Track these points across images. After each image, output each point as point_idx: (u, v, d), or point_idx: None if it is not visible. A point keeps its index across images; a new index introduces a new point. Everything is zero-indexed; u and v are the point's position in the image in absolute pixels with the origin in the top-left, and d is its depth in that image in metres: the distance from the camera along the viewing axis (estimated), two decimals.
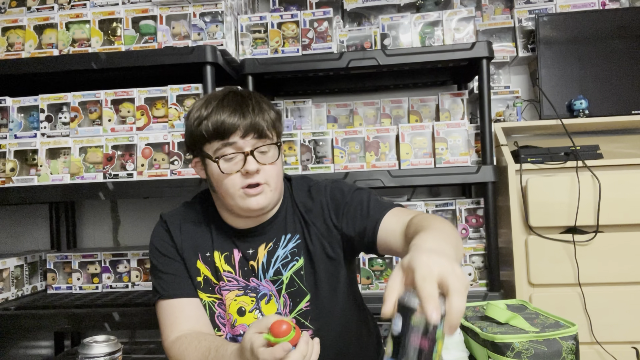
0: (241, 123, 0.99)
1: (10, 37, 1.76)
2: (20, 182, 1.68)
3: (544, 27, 1.85)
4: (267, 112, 1.04)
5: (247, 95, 1.05)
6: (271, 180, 1.03)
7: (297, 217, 1.12)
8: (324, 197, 1.11)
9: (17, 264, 1.81)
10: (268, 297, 1.09)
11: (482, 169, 1.63)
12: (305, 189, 1.15)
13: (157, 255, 1.12)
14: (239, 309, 1.08)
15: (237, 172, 1.00)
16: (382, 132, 1.75)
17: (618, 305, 1.58)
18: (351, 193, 1.10)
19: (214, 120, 0.99)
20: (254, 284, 1.09)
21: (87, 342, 0.93)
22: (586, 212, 1.58)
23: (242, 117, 1.00)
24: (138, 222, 2.24)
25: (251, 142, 1.01)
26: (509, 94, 1.98)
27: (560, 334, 0.86)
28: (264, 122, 1.01)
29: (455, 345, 0.95)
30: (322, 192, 1.12)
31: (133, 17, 1.72)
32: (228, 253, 1.10)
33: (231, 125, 0.99)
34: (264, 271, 1.08)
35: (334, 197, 1.11)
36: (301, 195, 1.14)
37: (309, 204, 1.12)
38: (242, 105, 1.01)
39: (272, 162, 1.03)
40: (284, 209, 1.13)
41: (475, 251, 1.70)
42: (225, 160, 1.01)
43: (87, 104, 1.72)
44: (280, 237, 1.10)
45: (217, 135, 1.00)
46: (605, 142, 1.80)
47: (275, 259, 1.09)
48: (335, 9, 1.91)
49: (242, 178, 1.01)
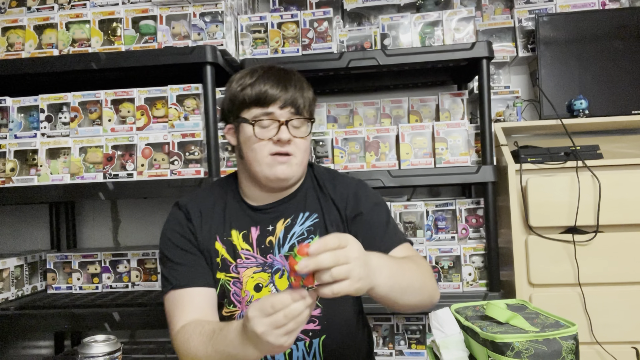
0: (282, 95, 1.05)
1: (10, 37, 1.76)
2: (20, 182, 1.68)
3: (544, 27, 1.85)
4: (306, 91, 1.10)
5: (290, 72, 1.11)
6: (298, 154, 1.08)
7: (319, 198, 1.16)
8: (348, 190, 1.15)
9: (17, 264, 1.81)
10: (281, 271, 1.11)
11: (482, 169, 1.63)
12: (331, 176, 1.20)
13: (170, 246, 1.13)
14: (256, 285, 1.09)
15: (269, 139, 1.05)
16: (382, 132, 1.75)
17: (618, 305, 1.57)
18: (373, 204, 1.15)
19: (257, 89, 1.05)
20: (270, 260, 1.11)
21: (87, 342, 0.93)
22: (586, 212, 1.58)
23: (284, 90, 1.05)
24: (138, 222, 2.24)
25: (287, 114, 1.06)
26: (509, 94, 1.98)
27: (560, 334, 0.86)
28: (302, 99, 1.07)
29: (455, 345, 0.95)
30: (348, 185, 1.17)
31: (133, 17, 1.72)
32: (246, 231, 1.12)
33: (272, 95, 1.04)
34: (279, 246, 1.11)
35: (357, 195, 1.15)
36: (326, 179, 1.18)
37: (332, 189, 1.16)
38: (285, 79, 1.07)
39: (303, 137, 1.08)
40: (304, 188, 1.17)
41: (475, 251, 1.70)
42: (260, 127, 1.05)
43: (87, 104, 1.72)
44: (298, 214, 1.13)
45: (257, 102, 1.05)
46: (605, 142, 1.80)
47: (292, 234, 1.12)
48: (335, 9, 1.91)
49: (273, 145, 1.05)
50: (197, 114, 1.66)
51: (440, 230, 1.78)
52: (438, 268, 1.71)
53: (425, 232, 1.77)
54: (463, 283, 1.70)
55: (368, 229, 1.12)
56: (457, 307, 1.09)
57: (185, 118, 1.66)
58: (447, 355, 0.94)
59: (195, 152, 1.65)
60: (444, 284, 1.71)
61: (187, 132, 1.64)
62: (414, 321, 1.82)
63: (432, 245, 1.73)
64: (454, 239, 1.77)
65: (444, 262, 1.72)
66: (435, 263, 1.71)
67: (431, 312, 0.99)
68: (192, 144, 1.65)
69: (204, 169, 1.62)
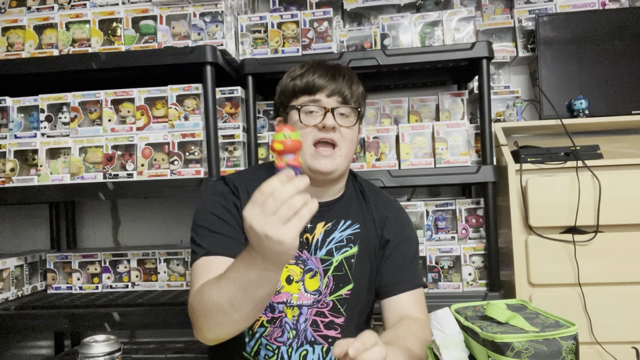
0: (329, 84, 1.07)
1: (10, 37, 1.76)
2: (20, 182, 1.68)
3: (544, 27, 1.85)
4: (355, 85, 1.11)
5: (342, 66, 1.14)
6: (343, 144, 1.08)
7: (363, 208, 1.17)
8: (389, 213, 1.17)
9: (17, 264, 1.81)
10: (313, 272, 1.11)
11: (482, 169, 1.63)
12: (375, 192, 1.22)
13: (208, 217, 1.07)
14: (287, 276, 1.09)
15: (314, 126, 1.06)
16: (382, 132, 1.75)
17: (618, 305, 1.57)
18: (407, 235, 1.18)
19: (306, 79, 1.08)
20: (304, 256, 1.11)
21: (87, 342, 0.93)
22: (586, 212, 1.58)
23: (332, 80, 1.07)
24: (138, 222, 2.24)
25: (334, 103, 1.08)
26: (509, 94, 1.98)
27: (560, 334, 0.86)
28: (350, 91, 1.09)
29: (455, 345, 0.95)
30: (390, 207, 1.19)
31: (133, 17, 1.72)
32: None
33: (320, 84, 1.07)
34: (316, 247, 1.11)
35: (396, 220, 1.17)
36: (370, 193, 1.19)
37: (374, 205, 1.17)
38: (334, 71, 1.09)
39: (349, 127, 1.09)
40: (347, 195, 1.18)
41: (475, 251, 1.70)
42: (306, 114, 1.08)
43: (87, 104, 1.72)
44: (340, 220, 1.14)
45: (305, 90, 1.08)
46: (605, 142, 1.80)
47: (331, 239, 1.12)
48: (335, 9, 1.91)
49: (317, 132, 1.06)
50: (197, 114, 1.66)
51: (440, 230, 1.78)
52: (438, 268, 1.71)
53: (425, 232, 1.77)
54: (463, 283, 1.70)
55: (396, 259, 1.14)
56: (457, 307, 1.09)
57: (185, 118, 1.66)
58: (447, 356, 0.94)
59: (195, 152, 1.65)
60: (444, 284, 1.71)
61: (187, 132, 1.64)
62: None
63: (432, 245, 1.73)
64: (454, 239, 1.77)
65: (444, 262, 1.72)
66: (435, 263, 1.71)
67: (431, 312, 0.99)
68: (192, 144, 1.65)
69: (204, 169, 1.62)
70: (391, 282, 1.12)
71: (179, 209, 2.20)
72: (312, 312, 1.09)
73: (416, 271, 1.17)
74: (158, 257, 1.86)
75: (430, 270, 1.71)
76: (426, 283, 1.18)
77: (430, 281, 1.71)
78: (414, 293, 1.13)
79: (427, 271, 1.71)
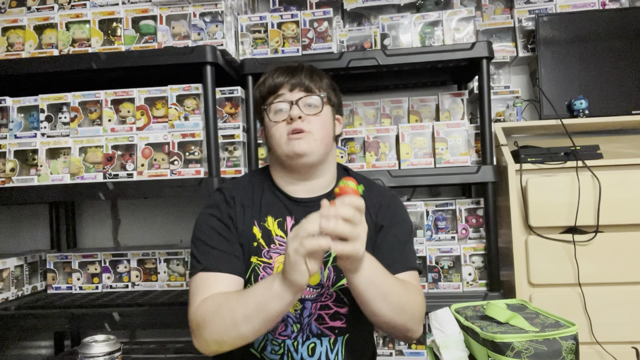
0: (289, 80, 1.12)
1: (10, 37, 1.76)
2: (20, 182, 1.68)
3: (544, 27, 1.85)
4: (316, 76, 1.15)
5: (303, 64, 1.18)
6: (314, 130, 1.11)
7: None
8: (382, 200, 1.19)
9: (17, 264, 1.81)
10: None
11: (482, 169, 1.63)
12: (368, 183, 1.24)
13: (206, 230, 1.12)
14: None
15: (284, 120, 1.11)
16: (382, 132, 1.75)
17: (618, 305, 1.57)
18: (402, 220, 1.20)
19: (268, 82, 1.14)
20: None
21: (87, 342, 0.93)
22: (586, 212, 1.58)
23: (290, 75, 1.13)
24: (138, 222, 2.24)
25: (298, 95, 1.12)
26: (509, 94, 1.98)
27: (560, 334, 0.86)
28: (312, 82, 1.13)
29: (455, 345, 0.95)
30: (383, 195, 1.22)
31: (133, 17, 1.72)
32: (281, 219, 1.15)
33: (280, 80, 1.13)
34: None
35: (389, 207, 1.19)
36: (366, 183, 1.21)
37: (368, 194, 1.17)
38: (294, 69, 1.15)
39: (317, 113, 1.12)
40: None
41: (475, 251, 1.70)
42: (275, 112, 1.13)
43: (87, 104, 1.72)
44: None
45: (269, 92, 1.14)
46: (605, 142, 1.80)
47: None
48: (335, 9, 1.91)
49: (287, 125, 1.10)
50: (197, 114, 1.66)
51: (440, 230, 1.78)
52: (438, 268, 1.71)
53: (425, 232, 1.77)
54: (463, 283, 1.70)
55: (389, 242, 1.16)
56: (457, 307, 1.09)
57: (185, 118, 1.66)
58: (447, 355, 0.94)
59: (195, 152, 1.65)
60: (444, 283, 1.71)
61: (187, 132, 1.64)
62: None
63: (432, 245, 1.73)
64: (454, 239, 1.77)
65: (444, 262, 1.72)
66: (435, 263, 1.71)
67: (431, 312, 0.99)
68: (192, 144, 1.65)
69: (204, 169, 1.62)
70: (386, 264, 1.11)
71: (179, 209, 2.20)
72: (317, 307, 1.11)
73: (410, 254, 1.18)
74: (158, 257, 1.86)
75: (430, 270, 1.71)
76: (421, 268, 1.19)
77: (430, 281, 1.72)
78: (408, 275, 1.14)
79: (427, 271, 1.71)
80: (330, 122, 1.16)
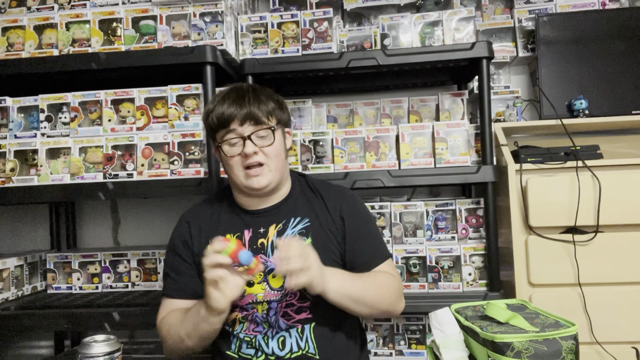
0: (238, 112, 1.13)
1: (10, 37, 1.76)
2: (20, 182, 1.68)
3: (544, 27, 1.85)
4: (264, 102, 1.17)
5: (246, 89, 1.19)
6: (270, 161, 1.16)
7: (311, 203, 1.24)
8: (341, 199, 1.25)
9: (17, 264, 1.81)
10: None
11: (482, 169, 1.63)
12: (325, 185, 1.30)
13: (169, 252, 1.27)
14: (248, 281, 1.16)
15: (239, 154, 1.15)
16: (382, 132, 1.75)
17: (618, 305, 1.57)
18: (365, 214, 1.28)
19: (217, 113, 1.15)
20: (262, 259, 1.17)
21: (87, 342, 0.93)
22: (586, 212, 1.58)
23: (239, 108, 1.14)
24: (138, 222, 2.24)
25: (249, 129, 1.15)
26: (509, 94, 1.98)
27: (560, 334, 0.86)
28: (260, 111, 1.15)
29: (455, 345, 0.95)
30: (341, 193, 1.28)
31: (133, 17, 1.72)
32: (239, 233, 1.21)
33: (230, 114, 1.14)
34: (272, 248, 1.19)
35: (348, 203, 1.25)
36: (320, 187, 1.28)
37: (327, 195, 1.25)
38: (240, 97, 1.16)
39: (270, 144, 1.16)
40: (294, 194, 1.26)
41: (475, 251, 1.70)
42: (229, 145, 1.16)
43: (87, 104, 1.72)
44: (290, 218, 1.22)
45: (220, 125, 1.15)
46: (605, 142, 1.80)
47: (285, 238, 1.18)
48: (335, 9, 1.91)
49: (244, 159, 1.15)
50: (197, 114, 1.66)
51: (440, 230, 1.78)
52: (438, 268, 1.71)
53: (425, 232, 1.77)
54: (463, 283, 1.70)
55: (359, 241, 1.22)
56: (457, 307, 1.09)
57: (185, 118, 1.66)
58: (446, 355, 0.94)
59: (195, 152, 1.65)
60: (444, 283, 1.71)
61: (187, 132, 1.64)
62: (414, 321, 1.82)
63: (432, 245, 1.73)
64: (454, 239, 1.77)
65: (444, 262, 1.72)
66: (435, 263, 1.71)
67: (431, 312, 0.99)
68: (192, 144, 1.65)
69: (203, 169, 1.62)
70: (361, 263, 1.21)
71: (179, 209, 2.20)
72: (282, 305, 1.17)
73: (379, 245, 1.26)
74: (158, 257, 1.86)
75: (430, 270, 1.71)
76: (390, 253, 1.36)
77: (430, 281, 1.72)
78: (384, 265, 1.23)
79: (427, 271, 1.72)
80: (282, 145, 1.21)
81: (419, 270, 1.73)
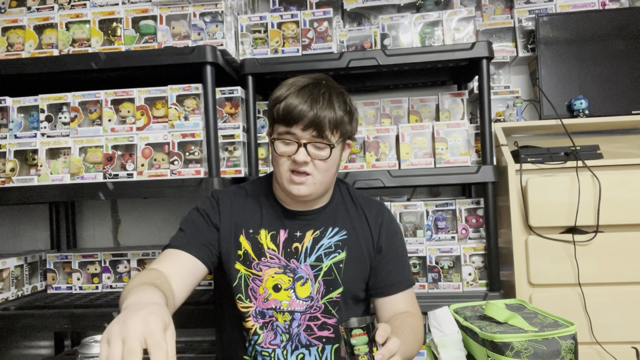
0: (306, 116, 1.06)
1: (10, 37, 1.76)
2: (20, 182, 1.68)
3: (544, 27, 1.85)
4: (335, 110, 1.09)
5: (323, 90, 1.10)
6: (317, 175, 1.11)
7: (350, 215, 1.21)
8: (383, 218, 1.23)
9: (17, 264, 1.81)
10: (304, 279, 1.15)
11: (482, 169, 1.63)
12: (366, 197, 1.28)
13: (194, 213, 1.18)
14: (275, 285, 1.14)
15: (289, 156, 1.09)
16: (382, 132, 1.75)
17: (618, 305, 1.57)
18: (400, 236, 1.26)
19: (285, 105, 1.08)
20: (293, 265, 1.15)
21: (87, 342, 0.93)
22: (586, 212, 1.58)
23: (308, 108, 1.06)
24: (138, 222, 2.24)
25: (308, 137, 1.08)
26: (509, 94, 1.98)
27: (560, 334, 0.86)
28: (326, 122, 1.07)
29: (453, 344, 0.95)
30: (381, 211, 1.25)
31: (133, 17, 1.72)
32: (275, 232, 1.17)
33: (297, 115, 1.06)
34: (306, 255, 1.16)
35: (387, 222, 1.23)
36: (362, 197, 1.26)
37: (368, 210, 1.23)
38: (313, 98, 1.08)
39: (323, 159, 1.10)
40: (334, 202, 1.23)
41: (475, 251, 1.70)
42: (283, 143, 1.10)
43: (87, 104, 1.72)
44: (328, 227, 1.19)
45: (284, 120, 1.08)
46: (605, 142, 1.80)
47: (320, 246, 1.16)
48: (335, 9, 1.91)
49: (292, 163, 1.09)
50: (197, 114, 1.66)
51: (440, 230, 1.78)
52: (438, 268, 1.71)
53: (425, 232, 1.77)
54: (463, 283, 1.70)
55: (390, 262, 1.20)
56: (456, 307, 1.09)
57: (185, 118, 1.66)
58: (445, 355, 0.94)
59: (195, 152, 1.65)
60: (444, 284, 1.71)
61: (187, 132, 1.64)
62: None
63: (432, 245, 1.73)
64: (454, 239, 1.77)
65: (444, 262, 1.72)
66: (435, 263, 1.71)
67: (430, 312, 0.99)
68: (192, 144, 1.65)
69: (204, 169, 1.62)
70: (386, 285, 1.19)
71: (179, 209, 2.20)
72: (306, 318, 1.14)
73: (408, 271, 1.24)
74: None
75: (430, 270, 1.71)
76: (415, 280, 1.33)
77: (430, 281, 1.72)
78: (407, 292, 1.21)
79: (427, 271, 1.71)
80: (336, 161, 1.15)
81: (419, 270, 1.73)
